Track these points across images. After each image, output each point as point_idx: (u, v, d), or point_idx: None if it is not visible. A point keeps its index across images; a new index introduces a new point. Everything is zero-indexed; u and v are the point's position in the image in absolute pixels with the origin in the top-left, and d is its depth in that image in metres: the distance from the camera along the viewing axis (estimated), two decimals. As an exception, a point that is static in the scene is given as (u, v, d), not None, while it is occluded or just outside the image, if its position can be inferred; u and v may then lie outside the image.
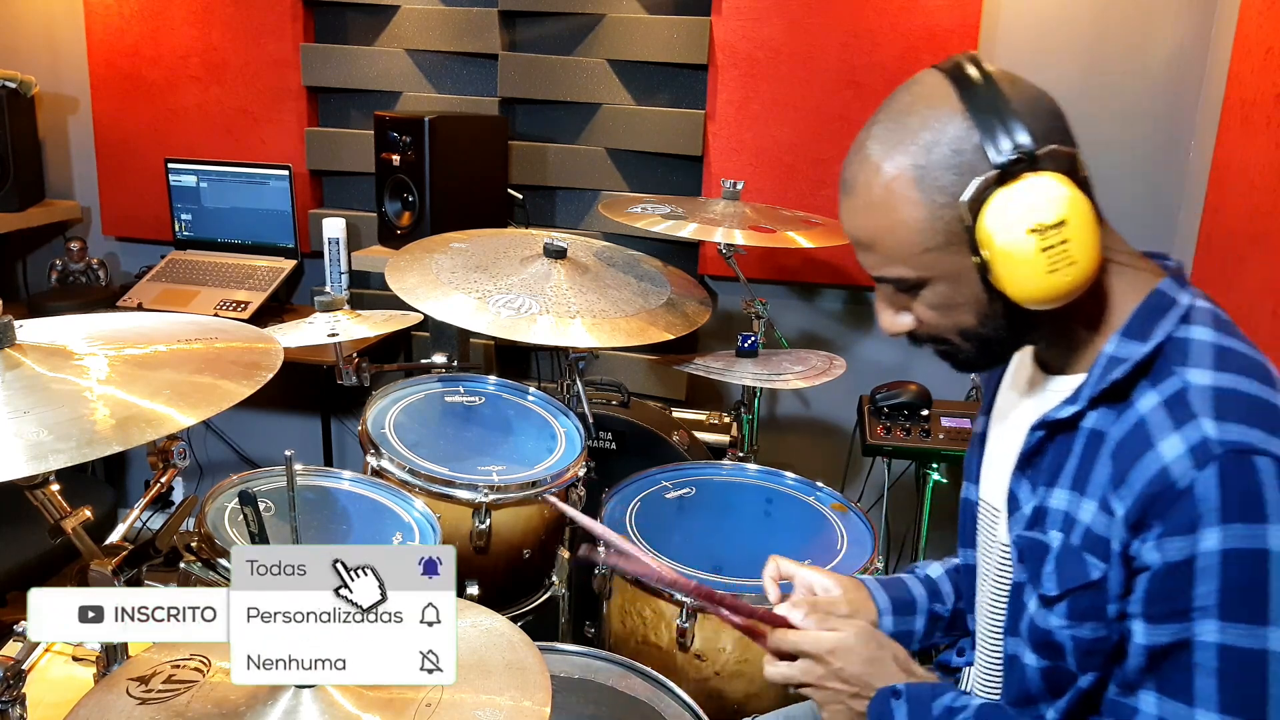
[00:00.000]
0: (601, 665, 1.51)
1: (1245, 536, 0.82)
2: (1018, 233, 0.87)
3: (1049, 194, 0.87)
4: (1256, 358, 0.93)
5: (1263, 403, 0.88)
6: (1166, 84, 2.40)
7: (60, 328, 1.11)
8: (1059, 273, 0.88)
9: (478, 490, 1.66)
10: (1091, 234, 0.88)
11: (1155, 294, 0.95)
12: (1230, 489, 0.83)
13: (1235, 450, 0.83)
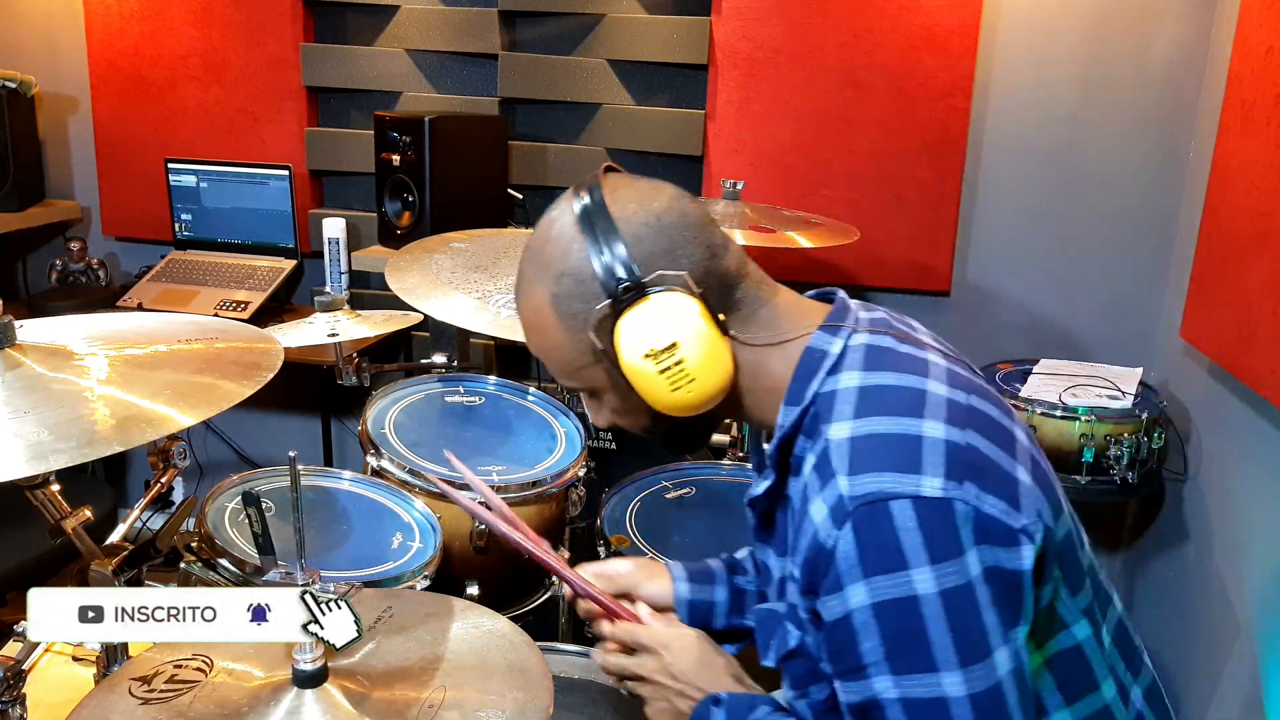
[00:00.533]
0: (602, 665, 1.51)
1: (889, 587, 0.83)
2: (636, 357, 0.92)
3: (657, 319, 0.91)
4: (904, 384, 0.92)
5: (896, 439, 0.87)
6: (1166, 84, 2.40)
7: (60, 328, 1.11)
8: (681, 390, 0.92)
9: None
10: (708, 347, 0.92)
11: (806, 353, 0.96)
12: (866, 543, 0.84)
13: (866, 503, 0.84)
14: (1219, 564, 2.03)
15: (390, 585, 1.44)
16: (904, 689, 0.84)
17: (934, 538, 0.83)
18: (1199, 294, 2.12)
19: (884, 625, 0.84)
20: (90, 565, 1.05)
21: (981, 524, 0.84)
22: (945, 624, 0.83)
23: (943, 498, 0.84)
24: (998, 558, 0.84)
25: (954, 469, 0.85)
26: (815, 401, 0.94)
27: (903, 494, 0.84)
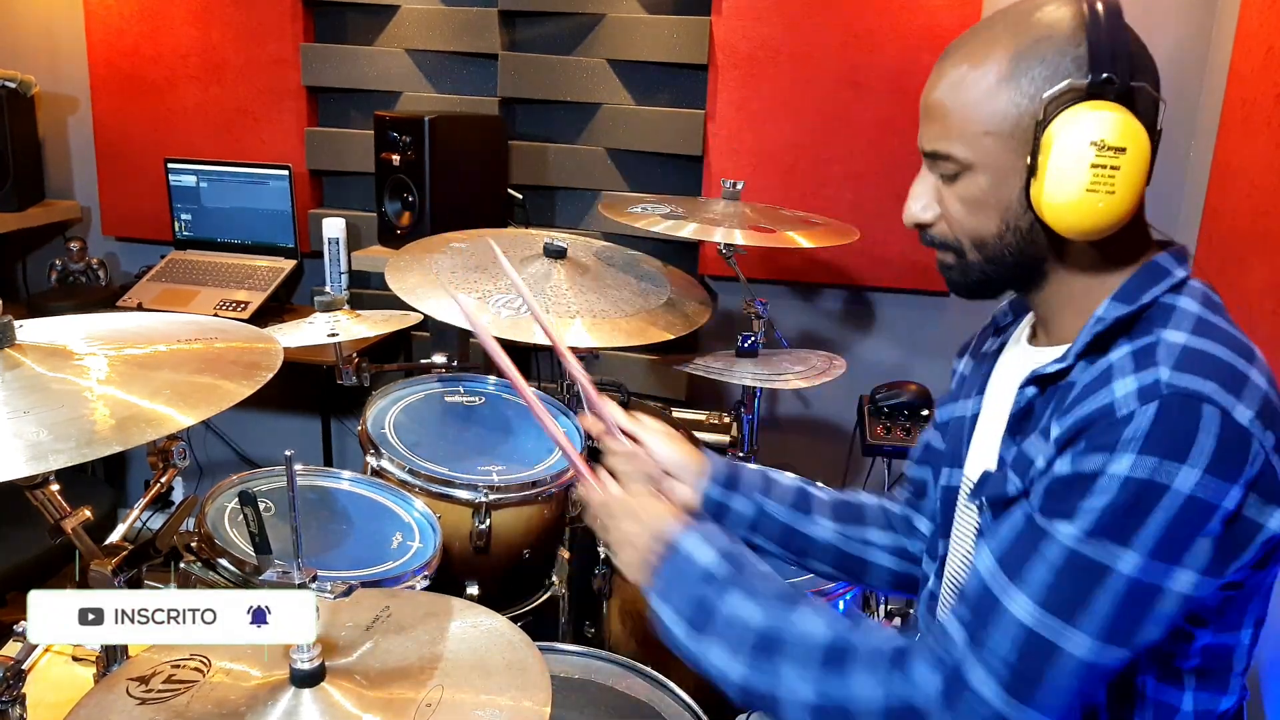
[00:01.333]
0: (601, 665, 1.51)
1: (1156, 470, 0.83)
2: (1080, 141, 0.89)
3: (1124, 124, 0.90)
4: (1239, 336, 0.94)
5: (1229, 366, 0.88)
6: (1166, 84, 2.38)
7: (60, 328, 1.11)
8: (1095, 195, 0.90)
9: (478, 490, 1.66)
10: (1139, 177, 0.91)
11: (1151, 264, 0.97)
12: (1163, 424, 0.84)
13: (1183, 394, 0.85)
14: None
15: (390, 585, 1.44)
16: (1085, 546, 0.85)
17: (1223, 454, 0.83)
18: (1199, 294, 2.12)
19: (1123, 493, 0.84)
20: (90, 565, 1.05)
21: (1263, 471, 0.85)
22: (1169, 520, 0.83)
23: (1247, 429, 0.84)
24: (1254, 508, 0.85)
25: (1266, 414, 0.86)
26: (1153, 306, 0.94)
27: (1219, 404, 0.84)
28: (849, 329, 2.77)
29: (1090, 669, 0.85)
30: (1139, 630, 0.85)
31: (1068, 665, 0.84)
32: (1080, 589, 0.84)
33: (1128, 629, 0.85)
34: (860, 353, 2.74)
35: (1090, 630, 0.84)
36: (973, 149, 0.96)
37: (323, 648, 0.97)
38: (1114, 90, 0.90)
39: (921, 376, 2.54)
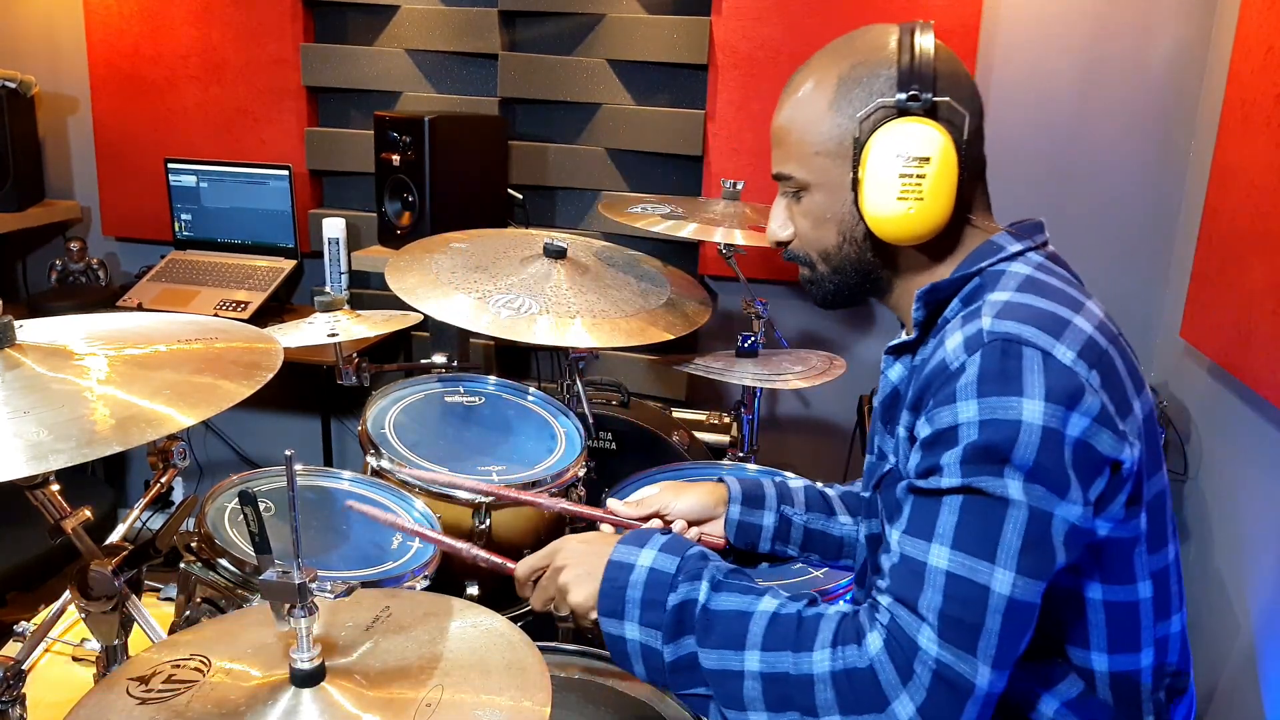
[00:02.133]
0: (601, 665, 1.51)
1: (1000, 406, 0.88)
2: (888, 154, 1.00)
3: (927, 136, 0.99)
4: (1069, 291, 0.99)
5: (1049, 314, 0.94)
6: (1166, 84, 2.40)
7: (60, 328, 1.11)
8: (904, 202, 1.00)
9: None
10: (947, 184, 1.00)
11: (984, 244, 1.05)
12: (988, 369, 0.90)
13: (1002, 339, 0.91)
14: (1219, 564, 2.03)
15: (390, 585, 1.44)
16: (970, 489, 0.89)
17: (1053, 384, 0.88)
18: (1199, 294, 2.12)
19: (980, 438, 0.88)
20: (90, 565, 1.05)
21: (1094, 405, 0.89)
22: (1036, 449, 0.87)
23: (1070, 367, 0.90)
24: (1099, 437, 0.89)
25: (1089, 355, 0.91)
26: (983, 275, 1.02)
27: (1038, 346, 0.90)
28: (849, 329, 2.77)
29: (1015, 605, 0.88)
30: (1047, 558, 0.88)
31: (997, 605, 0.87)
32: (985, 527, 0.89)
33: (1037, 558, 0.88)
34: (860, 353, 2.74)
35: (1007, 564, 0.87)
36: (809, 169, 1.07)
37: (323, 648, 0.97)
38: (920, 106, 1.00)
39: (921, 376, 2.54)
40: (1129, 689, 0.99)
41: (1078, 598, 0.96)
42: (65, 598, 1.09)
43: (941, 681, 0.87)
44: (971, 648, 0.87)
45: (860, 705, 0.90)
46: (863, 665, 0.90)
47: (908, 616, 0.90)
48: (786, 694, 0.93)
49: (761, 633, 0.96)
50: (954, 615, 0.88)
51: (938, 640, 0.88)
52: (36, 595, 2.11)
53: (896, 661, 0.89)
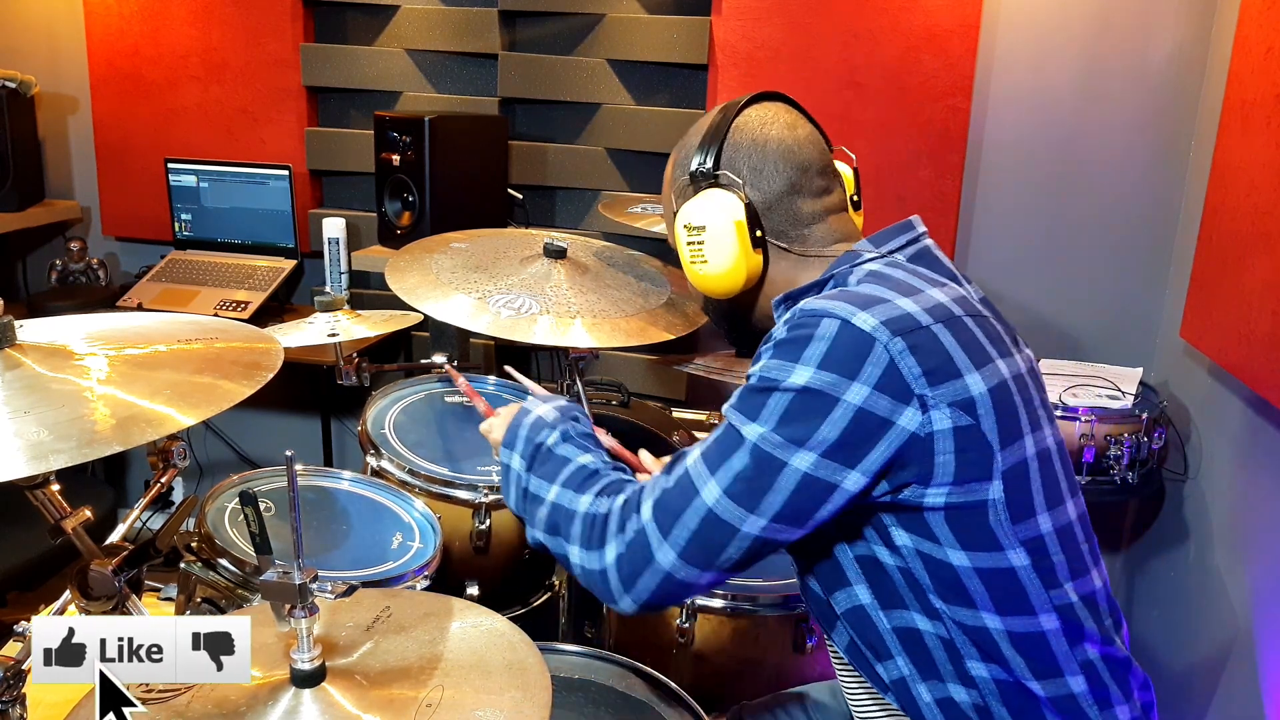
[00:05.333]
0: (601, 665, 1.51)
1: (775, 368, 0.99)
2: (680, 225, 1.18)
3: (705, 205, 1.15)
4: (910, 281, 1.05)
5: (866, 295, 1.02)
6: (1166, 84, 2.40)
7: (60, 328, 1.11)
8: (697, 265, 1.17)
9: (478, 490, 1.66)
10: (729, 242, 1.14)
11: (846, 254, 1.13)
12: (785, 337, 1.00)
13: (809, 312, 1.01)
14: (1219, 564, 2.03)
15: (390, 585, 1.44)
16: (729, 410, 1.02)
17: (837, 354, 0.97)
18: (1199, 294, 2.12)
19: (756, 382, 1.00)
20: (90, 565, 1.05)
21: (888, 372, 0.96)
22: (786, 402, 0.97)
23: (868, 333, 0.97)
24: (877, 404, 0.96)
25: (895, 325, 0.98)
26: (835, 277, 1.12)
27: (838, 315, 0.99)
28: (849, 329, 2.76)
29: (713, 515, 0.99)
30: (759, 493, 0.98)
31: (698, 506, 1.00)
32: (721, 450, 1.00)
33: (750, 489, 0.98)
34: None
35: (720, 481, 0.99)
36: (671, 240, 1.23)
37: (323, 648, 0.97)
38: (705, 178, 1.16)
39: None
40: (1041, 651, 1.02)
41: (942, 564, 1.00)
42: (65, 598, 1.09)
43: (636, 542, 1.02)
44: (666, 529, 1.01)
45: (591, 542, 1.06)
46: (604, 512, 1.07)
47: (651, 485, 1.05)
48: (557, 522, 1.10)
49: (568, 475, 1.13)
50: (666, 500, 1.02)
51: (651, 511, 1.02)
52: (36, 595, 2.12)
53: (621, 516, 1.05)
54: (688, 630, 1.52)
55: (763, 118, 1.18)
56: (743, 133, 1.17)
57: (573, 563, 1.09)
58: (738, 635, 1.53)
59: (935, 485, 0.98)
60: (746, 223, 1.13)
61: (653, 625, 1.57)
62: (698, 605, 1.52)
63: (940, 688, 1.04)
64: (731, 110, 1.18)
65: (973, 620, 1.01)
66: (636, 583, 1.02)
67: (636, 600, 1.04)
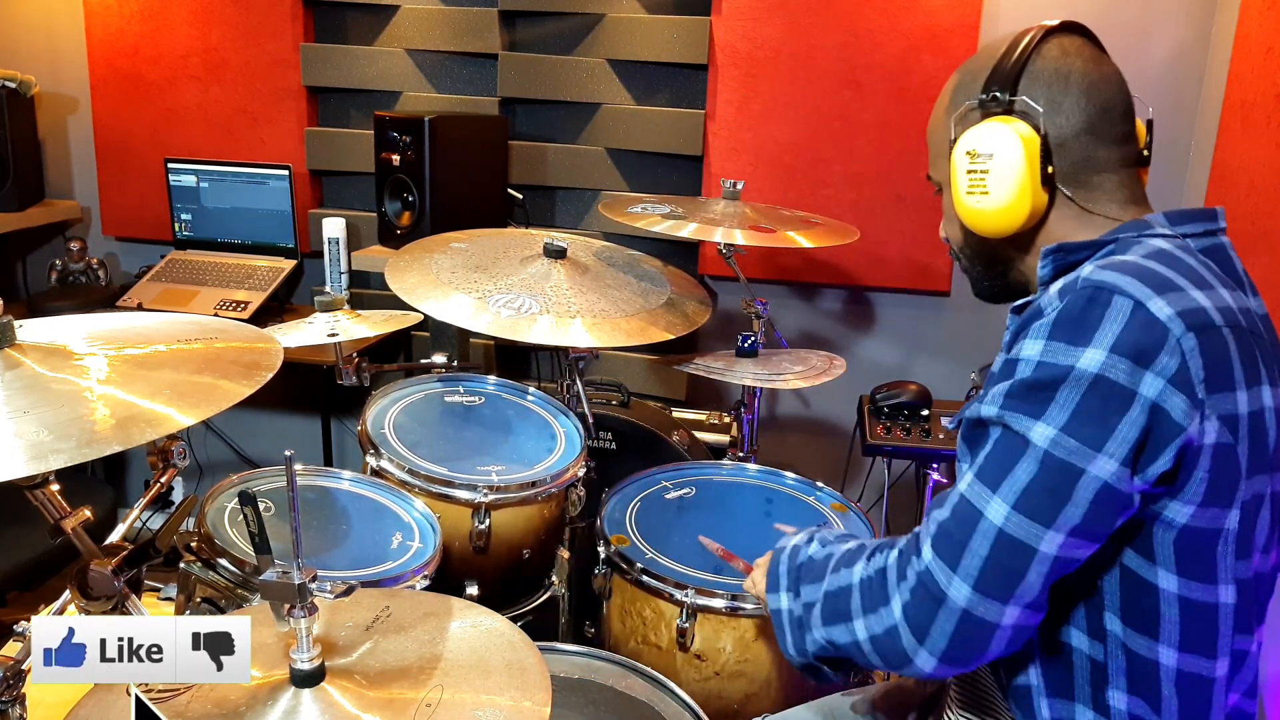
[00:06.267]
0: (601, 665, 1.51)
1: (1061, 352, 0.89)
2: (961, 153, 1.06)
3: (995, 132, 1.03)
4: (1201, 272, 0.96)
5: (1158, 274, 0.91)
6: (1166, 84, 2.40)
7: (60, 328, 1.11)
8: (973, 196, 1.05)
9: (477, 490, 1.66)
10: (1015, 176, 1.02)
11: (1135, 221, 1.03)
12: (1069, 312, 0.90)
13: (1095, 284, 0.90)
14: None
15: (390, 585, 1.44)
16: (1003, 419, 0.92)
17: (1131, 338, 0.87)
18: (1199, 294, 2.12)
19: (1031, 375, 0.90)
20: (90, 565, 1.05)
21: (1181, 368, 0.87)
22: (1079, 397, 0.87)
23: (1163, 321, 0.87)
24: (1172, 403, 0.87)
25: (1190, 318, 0.88)
26: (1118, 242, 1.00)
27: (1131, 295, 0.88)
28: (849, 329, 2.77)
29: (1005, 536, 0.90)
30: (1056, 506, 0.88)
31: (986, 529, 0.91)
32: (1002, 460, 0.91)
33: (1044, 502, 0.89)
34: (860, 353, 2.74)
35: (1005, 497, 0.90)
36: (937, 170, 1.15)
37: (323, 648, 0.97)
38: (999, 105, 1.04)
39: (921, 376, 2.54)
40: (1199, 697, 0.96)
41: (1147, 585, 0.94)
42: (65, 598, 1.09)
43: (922, 586, 0.94)
44: (953, 562, 0.92)
45: (873, 604, 0.98)
46: (880, 569, 0.99)
47: (924, 527, 0.97)
48: (835, 608, 1.03)
49: (836, 562, 1.07)
50: (948, 530, 0.93)
51: (931, 550, 0.94)
52: (36, 595, 2.12)
53: (900, 564, 0.97)
54: (687, 631, 1.52)
55: (1065, 48, 1.06)
56: (1045, 60, 1.05)
57: (861, 641, 0.99)
58: (738, 635, 1.53)
59: (1183, 501, 0.90)
60: (1040, 156, 1.02)
61: (653, 625, 1.57)
62: (698, 605, 1.52)
63: (1066, 707, 0.99)
64: (1031, 37, 1.07)
65: (1146, 651, 0.95)
66: (930, 631, 0.93)
67: (934, 652, 0.93)
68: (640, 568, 1.58)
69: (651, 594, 1.56)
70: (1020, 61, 1.05)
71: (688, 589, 1.52)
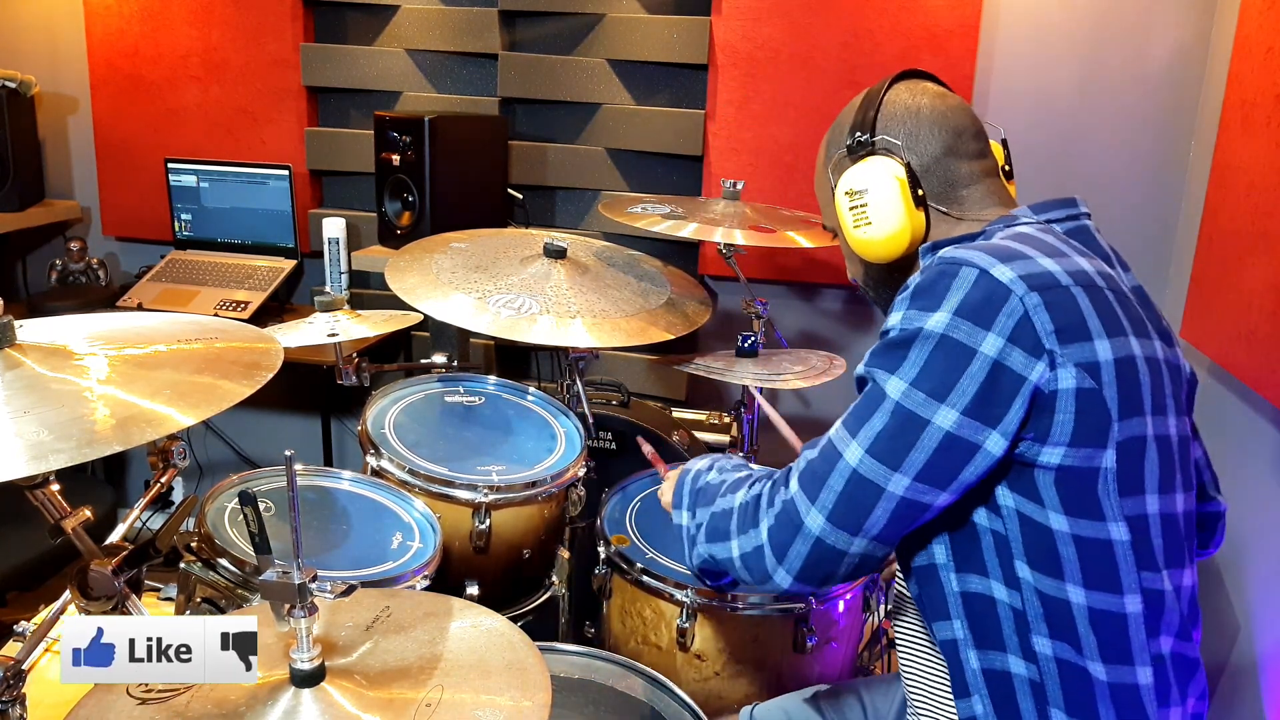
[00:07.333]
0: (601, 665, 1.51)
1: (914, 315, 1.00)
2: (841, 192, 1.19)
3: (865, 170, 1.17)
4: (1056, 244, 1.05)
5: (1010, 249, 1.02)
6: (1166, 84, 2.40)
7: (60, 328, 1.11)
8: (860, 229, 1.18)
9: (477, 490, 1.66)
10: (891, 203, 1.15)
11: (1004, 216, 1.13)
12: (923, 284, 1.01)
13: (947, 260, 1.01)
14: (1219, 564, 2.03)
15: (390, 585, 1.44)
16: (869, 368, 1.04)
17: (973, 301, 0.97)
18: (1198, 293, 2.12)
19: (893, 338, 1.01)
20: (90, 565, 1.05)
21: (1021, 325, 0.96)
22: (926, 355, 0.98)
23: (1005, 284, 0.97)
24: (1011, 358, 0.96)
25: (1032, 280, 0.98)
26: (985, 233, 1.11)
27: (976, 264, 0.99)
28: (849, 329, 2.77)
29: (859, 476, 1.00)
30: (903, 451, 0.98)
31: (843, 469, 1.01)
32: (863, 410, 1.02)
33: (895, 448, 0.99)
34: (860, 353, 2.72)
35: (862, 441, 1.00)
36: (828, 218, 1.28)
37: (323, 648, 0.97)
38: (864, 148, 1.18)
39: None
40: (1116, 633, 1.00)
41: (1041, 527, 1.00)
42: (65, 598, 1.09)
43: (785, 513, 1.05)
44: (813, 494, 1.03)
45: (744, 527, 1.10)
46: (755, 495, 1.11)
47: (795, 465, 1.08)
48: (717, 526, 1.14)
49: (726, 488, 1.17)
50: (814, 467, 1.04)
51: (796, 483, 1.05)
52: (36, 595, 2.12)
53: (771, 494, 1.08)
54: (687, 631, 1.52)
55: (912, 89, 1.20)
56: (895, 104, 1.18)
57: (734, 558, 1.11)
58: (738, 635, 1.53)
59: (1051, 444, 0.97)
60: (909, 182, 1.15)
61: (653, 625, 1.57)
62: (698, 605, 1.52)
63: (995, 658, 1.04)
64: (879, 88, 1.20)
65: (1055, 591, 1.00)
66: (788, 552, 1.04)
67: (790, 571, 1.05)
68: (640, 568, 1.58)
69: (651, 594, 1.56)
70: (875, 107, 1.18)
71: (688, 589, 1.52)
